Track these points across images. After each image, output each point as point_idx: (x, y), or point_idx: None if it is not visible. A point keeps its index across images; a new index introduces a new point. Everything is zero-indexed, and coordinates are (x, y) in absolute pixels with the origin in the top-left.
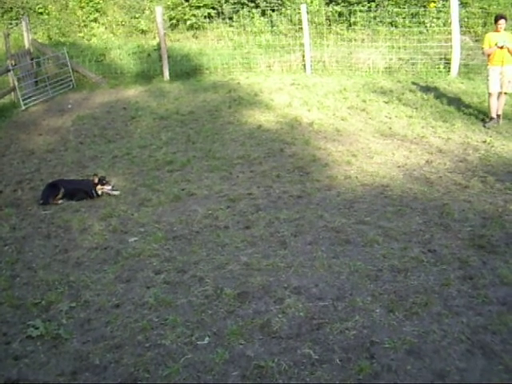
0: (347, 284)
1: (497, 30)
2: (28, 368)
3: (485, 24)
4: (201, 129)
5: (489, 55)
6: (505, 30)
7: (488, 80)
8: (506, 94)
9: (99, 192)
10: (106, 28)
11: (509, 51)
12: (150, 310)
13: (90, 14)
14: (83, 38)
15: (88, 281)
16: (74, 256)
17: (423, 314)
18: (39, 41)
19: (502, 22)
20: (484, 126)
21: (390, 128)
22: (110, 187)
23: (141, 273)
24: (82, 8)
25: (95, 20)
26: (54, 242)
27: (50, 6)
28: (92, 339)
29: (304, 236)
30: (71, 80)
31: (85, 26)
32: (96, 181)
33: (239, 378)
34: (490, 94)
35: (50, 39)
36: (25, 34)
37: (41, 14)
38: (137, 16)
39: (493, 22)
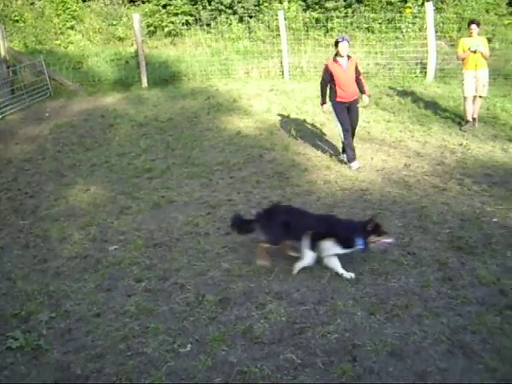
0: (328, 288)
1: (470, 35)
2: (8, 380)
3: (459, 29)
4: (180, 136)
5: (463, 60)
6: (479, 34)
7: (463, 84)
8: (481, 97)
9: (371, 245)
10: (83, 35)
11: (482, 55)
12: (132, 318)
13: (67, 21)
14: (60, 45)
15: (68, 290)
16: (54, 266)
17: (404, 316)
18: (15, 49)
19: (473, 26)
20: (460, 129)
21: (369, 132)
22: (390, 240)
23: (121, 281)
24: (58, 15)
25: (72, 27)
26: (32, 252)
27: (26, 14)
28: (73, 349)
29: None
30: (48, 88)
31: (61, 33)
32: (370, 228)
33: None
34: (465, 98)
35: (27, 47)
36: (0, 42)
37: (17, 21)
38: (114, 23)
39: (466, 26)
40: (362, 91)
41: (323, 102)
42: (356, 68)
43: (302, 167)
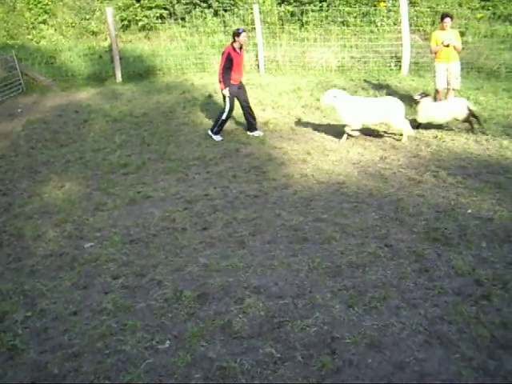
0: (307, 281)
1: (443, 28)
2: None
3: (433, 22)
4: (155, 131)
5: (436, 53)
6: (451, 27)
7: (435, 76)
8: (454, 90)
9: None
10: (55, 30)
11: (455, 49)
12: (109, 315)
13: (39, 15)
14: (32, 40)
15: (43, 289)
16: (28, 264)
17: (382, 308)
18: None
19: (447, 20)
20: None
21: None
22: None
23: (98, 278)
24: (30, 10)
25: (44, 22)
26: (6, 251)
27: None
28: (49, 348)
29: (262, 235)
30: (20, 83)
31: (33, 28)
32: None
33: (202, 380)
34: (436, 91)
35: None
36: None
37: None
38: (87, 17)
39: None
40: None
41: (226, 86)
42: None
43: (279, 161)
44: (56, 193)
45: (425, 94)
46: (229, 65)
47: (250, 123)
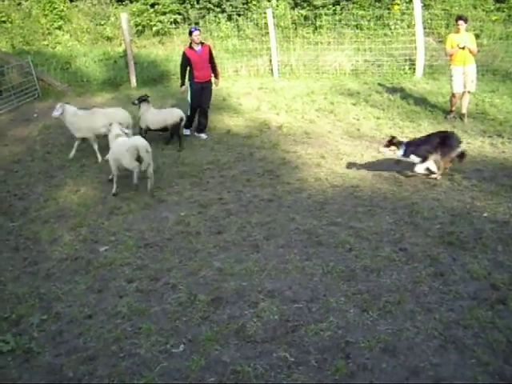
0: (321, 285)
1: (457, 31)
2: None
3: (447, 25)
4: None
5: (451, 56)
6: (466, 30)
7: (452, 80)
8: (469, 93)
9: None
10: (70, 35)
11: (470, 51)
12: (124, 319)
13: (54, 21)
14: (48, 46)
15: (59, 292)
16: (44, 268)
17: (396, 312)
18: (3, 50)
19: (460, 22)
20: (445, 118)
21: (359, 129)
22: None
23: (113, 282)
24: (45, 16)
25: (60, 28)
26: (22, 255)
27: (13, 15)
28: (65, 352)
29: (276, 239)
30: (36, 89)
31: (49, 33)
32: None
33: None
34: (453, 95)
35: (14, 48)
36: None
37: (4, 22)
38: (102, 23)
39: (454, 22)
40: (215, 75)
41: (182, 84)
42: (210, 53)
43: (293, 165)
44: (71, 197)
45: (143, 99)
46: (186, 63)
47: (201, 124)
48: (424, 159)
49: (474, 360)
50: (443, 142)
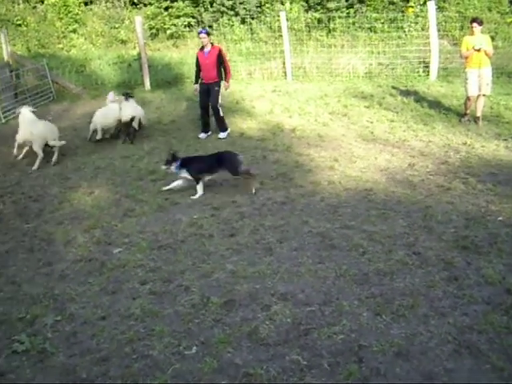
0: (333, 289)
1: (472, 34)
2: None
3: (462, 28)
4: (183, 137)
5: (466, 58)
6: (482, 32)
7: (467, 83)
8: (484, 96)
9: None
10: (85, 39)
11: (486, 54)
12: (137, 320)
13: (69, 25)
14: (63, 49)
15: (73, 293)
16: (59, 269)
17: (410, 316)
18: (18, 53)
19: (474, 24)
20: (460, 121)
21: (372, 132)
22: None
23: (126, 284)
24: (60, 19)
25: (74, 31)
26: (37, 256)
27: (28, 18)
28: (78, 352)
29: (289, 242)
30: (51, 92)
31: (64, 37)
32: None
33: None
34: (468, 98)
35: (29, 51)
36: (3, 47)
37: (19, 25)
38: (116, 26)
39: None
40: (224, 77)
41: (195, 83)
42: (219, 55)
43: (306, 168)
44: (86, 199)
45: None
46: (196, 64)
47: (217, 123)
48: (196, 177)
49: (488, 365)
50: (221, 162)
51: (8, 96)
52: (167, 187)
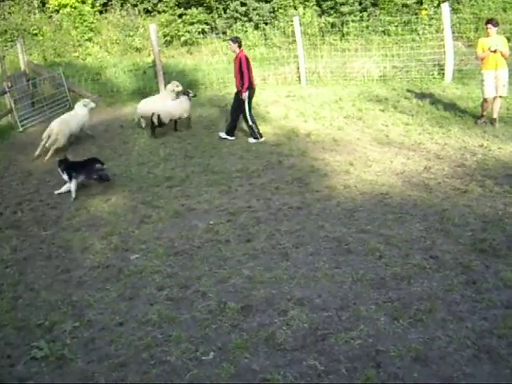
0: (350, 293)
1: (487, 35)
2: None
3: (477, 29)
4: (198, 144)
5: (482, 59)
6: (497, 33)
7: (483, 85)
8: (501, 97)
9: None
10: (100, 47)
11: (502, 55)
12: (154, 326)
13: (85, 33)
14: (78, 57)
15: (91, 300)
16: (76, 275)
17: (428, 321)
18: (35, 62)
19: (489, 26)
20: (476, 123)
21: (387, 136)
22: None
23: (143, 290)
24: (76, 28)
25: (90, 39)
26: (55, 263)
27: (44, 28)
28: (96, 358)
29: (305, 247)
30: (68, 100)
31: (79, 45)
32: None
33: None
34: (484, 100)
35: (46, 60)
36: (20, 56)
37: (35, 35)
38: (131, 34)
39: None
40: (240, 85)
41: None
42: (239, 63)
43: (321, 172)
44: (102, 206)
45: None
46: None
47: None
48: (70, 179)
49: (508, 370)
50: (84, 166)
51: (25, 105)
52: (59, 191)
